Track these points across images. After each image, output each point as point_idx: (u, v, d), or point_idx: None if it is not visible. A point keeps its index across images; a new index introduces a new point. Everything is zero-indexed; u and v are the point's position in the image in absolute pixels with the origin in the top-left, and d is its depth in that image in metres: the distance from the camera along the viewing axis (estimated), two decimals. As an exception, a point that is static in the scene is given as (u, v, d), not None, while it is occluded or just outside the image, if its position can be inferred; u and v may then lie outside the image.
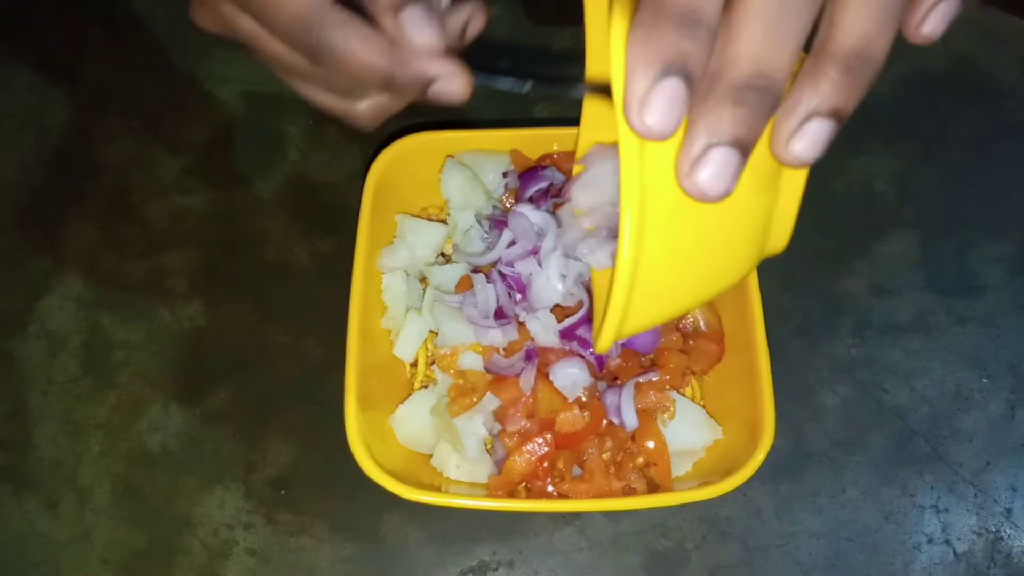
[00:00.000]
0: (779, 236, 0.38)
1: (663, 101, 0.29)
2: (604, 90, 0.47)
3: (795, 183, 0.36)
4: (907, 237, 0.71)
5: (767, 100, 0.30)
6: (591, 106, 0.56)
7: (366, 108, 0.43)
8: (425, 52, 0.38)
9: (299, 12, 0.37)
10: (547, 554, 0.62)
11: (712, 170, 0.30)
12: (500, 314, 0.59)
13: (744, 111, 0.30)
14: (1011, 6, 0.78)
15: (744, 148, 0.30)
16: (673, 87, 0.29)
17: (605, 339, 0.36)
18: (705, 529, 0.62)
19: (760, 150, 0.31)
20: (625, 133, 0.30)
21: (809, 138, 0.30)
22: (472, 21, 0.42)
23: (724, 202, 0.30)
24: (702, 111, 0.30)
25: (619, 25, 0.30)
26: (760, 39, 0.29)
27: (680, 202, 0.31)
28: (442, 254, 0.67)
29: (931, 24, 0.31)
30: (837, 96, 0.30)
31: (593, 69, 0.51)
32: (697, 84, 0.29)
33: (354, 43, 0.37)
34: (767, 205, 0.36)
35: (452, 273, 0.63)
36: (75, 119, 0.78)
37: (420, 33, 0.38)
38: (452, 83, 0.39)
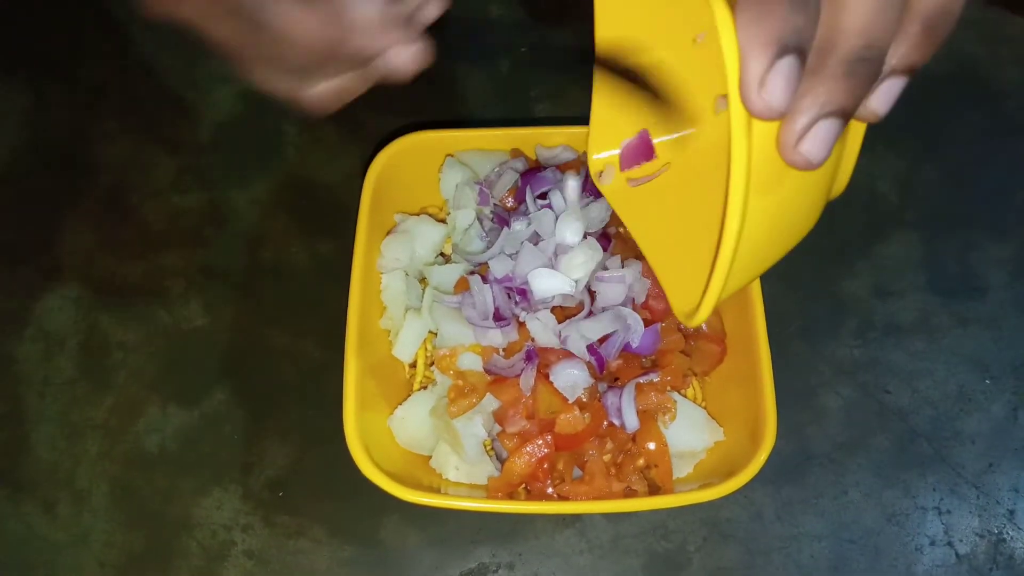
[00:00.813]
0: (841, 181, 0.41)
1: (781, 80, 0.29)
2: (612, 67, 0.45)
3: (859, 132, 0.38)
4: (909, 238, 0.71)
5: (873, 70, 0.31)
6: (603, 90, 0.53)
7: (320, 92, 0.42)
8: (370, 23, 0.37)
9: None
10: (547, 556, 0.61)
11: (819, 141, 0.31)
12: (499, 315, 0.58)
13: (853, 83, 0.30)
14: (1013, 6, 0.78)
15: (848, 118, 0.31)
16: (790, 65, 0.29)
17: (705, 311, 0.38)
18: (706, 531, 0.62)
19: None
20: (737, 111, 0.31)
21: (886, 94, 0.32)
22: (428, 4, 0.41)
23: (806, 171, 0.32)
24: (813, 84, 0.30)
25: (723, 5, 0.30)
26: (870, 10, 0.30)
27: (775, 170, 0.33)
28: (441, 254, 0.66)
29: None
30: (915, 55, 0.32)
31: (603, 41, 0.50)
32: (807, 57, 0.30)
33: (294, 13, 0.36)
34: (835, 163, 0.38)
35: (451, 273, 0.62)
36: (72, 119, 0.78)
37: (366, 4, 0.37)
38: (400, 54, 0.38)
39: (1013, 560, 0.61)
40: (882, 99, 0.33)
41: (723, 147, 0.38)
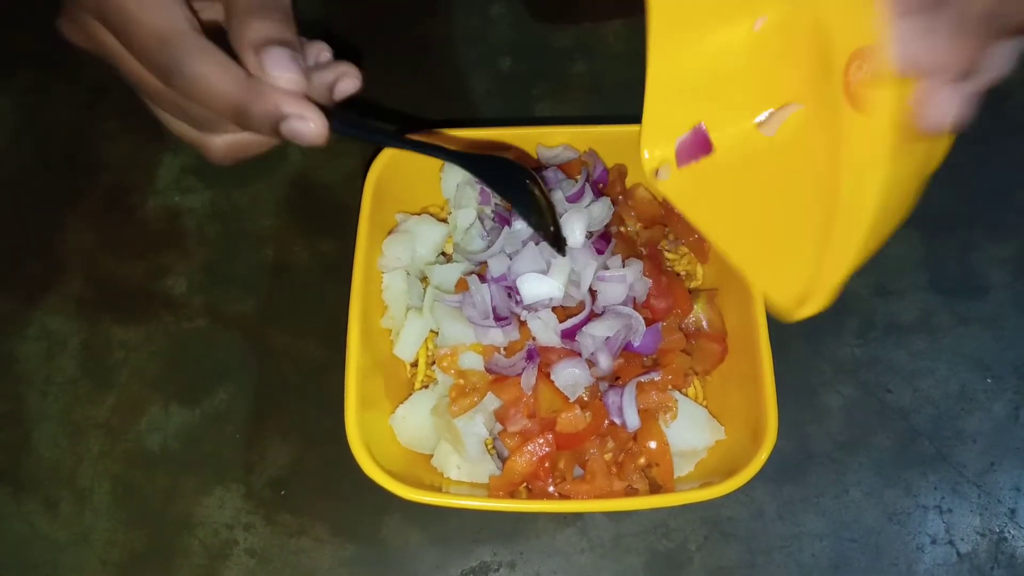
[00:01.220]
0: (940, 156, 0.41)
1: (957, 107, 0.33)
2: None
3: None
4: (910, 237, 0.71)
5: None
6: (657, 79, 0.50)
7: (222, 144, 0.43)
8: (282, 91, 0.38)
9: (156, 32, 0.37)
10: (548, 555, 0.61)
11: (958, 104, 0.33)
12: (498, 314, 0.58)
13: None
14: (1014, 5, 0.78)
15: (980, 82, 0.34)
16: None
17: (828, 294, 0.38)
18: (707, 530, 0.62)
19: None
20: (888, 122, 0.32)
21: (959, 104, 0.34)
22: (343, 79, 0.42)
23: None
24: (974, 48, 0.33)
25: None
26: None
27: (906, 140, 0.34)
28: (443, 253, 0.66)
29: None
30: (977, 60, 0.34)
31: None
32: None
33: (208, 69, 0.37)
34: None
35: (452, 272, 0.62)
36: (74, 119, 0.78)
37: (280, 72, 0.38)
38: (305, 124, 0.39)
39: (1014, 559, 0.61)
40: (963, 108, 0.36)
41: (826, 124, 0.39)
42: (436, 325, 0.61)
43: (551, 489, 0.57)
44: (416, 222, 0.65)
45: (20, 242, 0.73)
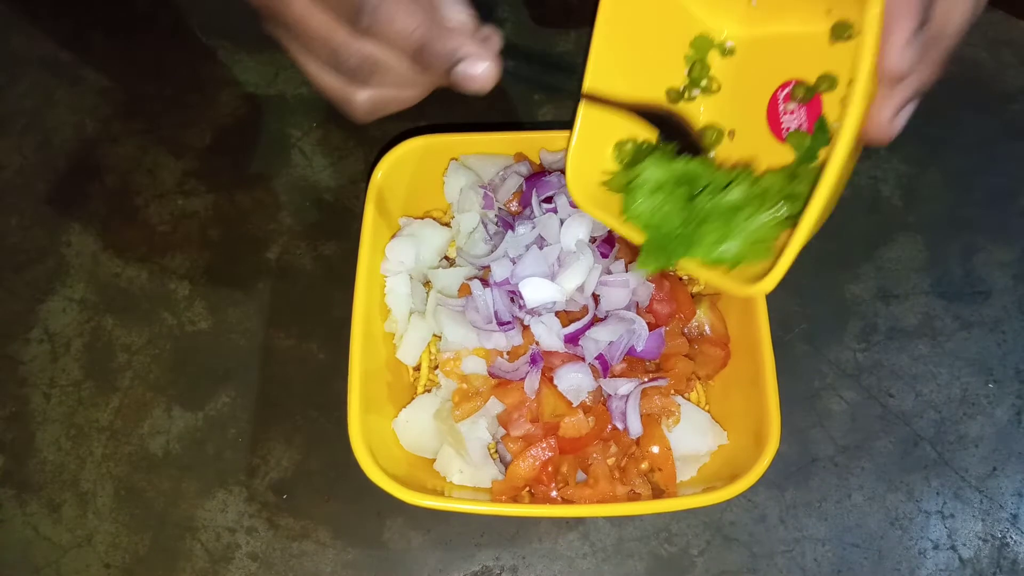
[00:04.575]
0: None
1: (906, 117, 0.37)
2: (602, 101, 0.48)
3: None
4: (913, 241, 0.71)
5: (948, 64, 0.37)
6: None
7: (366, 99, 0.43)
8: (459, 30, 0.39)
9: None
10: (551, 559, 0.61)
11: (906, 117, 0.37)
12: (501, 319, 0.58)
13: (941, 72, 0.37)
14: (1017, 10, 0.78)
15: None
16: (921, 38, 0.35)
17: (783, 270, 0.42)
18: (710, 535, 0.62)
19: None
20: (850, 126, 0.37)
21: (906, 115, 0.38)
22: (496, 36, 0.43)
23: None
24: (919, 70, 0.36)
25: None
26: (968, 13, 0.36)
27: (853, 150, 0.40)
28: (446, 257, 0.66)
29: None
30: (933, 80, 0.38)
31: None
32: None
33: (393, 6, 0.38)
34: None
35: (455, 277, 0.62)
36: (77, 121, 0.78)
37: (458, 11, 0.39)
38: (479, 66, 0.39)
39: (1016, 564, 0.61)
40: (904, 119, 0.41)
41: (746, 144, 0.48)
42: (439, 329, 0.61)
43: (554, 493, 0.57)
44: (419, 226, 0.65)
45: (24, 244, 0.73)
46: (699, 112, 0.55)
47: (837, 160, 0.38)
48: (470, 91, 0.40)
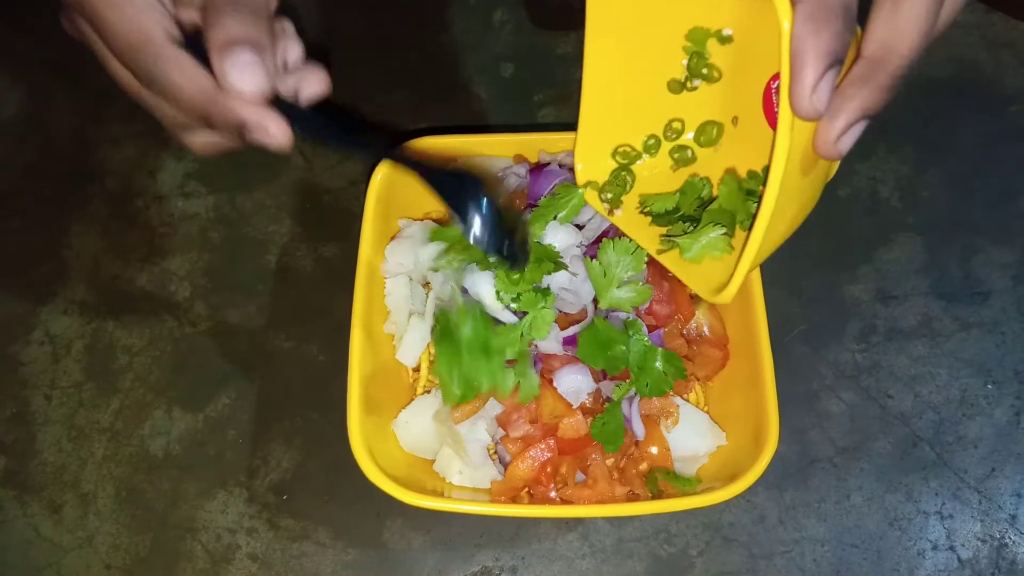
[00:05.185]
0: (834, 170, 0.47)
1: (829, 87, 0.35)
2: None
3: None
4: (912, 243, 0.71)
5: (901, 86, 0.37)
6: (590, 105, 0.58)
7: (198, 142, 0.44)
8: (242, 97, 0.38)
9: (130, 39, 0.38)
10: (550, 560, 0.62)
11: (853, 138, 0.38)
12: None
13: (889, 95, 0.36)
14: (1016, 11, 0.78)
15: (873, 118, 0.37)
16: (836, 74, 0.35)
17: (739, 281, 0.45)
18: (709, 535, 0.62)
19: None
20: (784, 114, 0.37)
21: (853, 136, 0.38)
22: (308, 83, 0.43)
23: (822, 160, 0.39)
24: (860, 91, 0.36)
25: (785, 10, 0.35)
26: (919, 37, 0.36)
27: (802, 162, 0.40)
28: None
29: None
30: (881, 105, 0.37)
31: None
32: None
33: (177, 78, 0.38)
34: None
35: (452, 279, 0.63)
36: (78, 124, 0.78)
37: (240, 77, 0.38)
38: (266, 133, 0.39)
39: (1015, 565, 0.61)
40: (850, 139, 0.39)
41: (739, 152, 0.50)
42: (438, 331, 0.61)
43: (553, 494, 0.57)
44: (419, 228, 0.65)
45: (25, 247, 0.74)
46: (702, 102, 0.56)
47: (773, 183, 0.39)
48: (268, 149, 0.40)
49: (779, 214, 0.41)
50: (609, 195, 0.58)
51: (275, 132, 0.39)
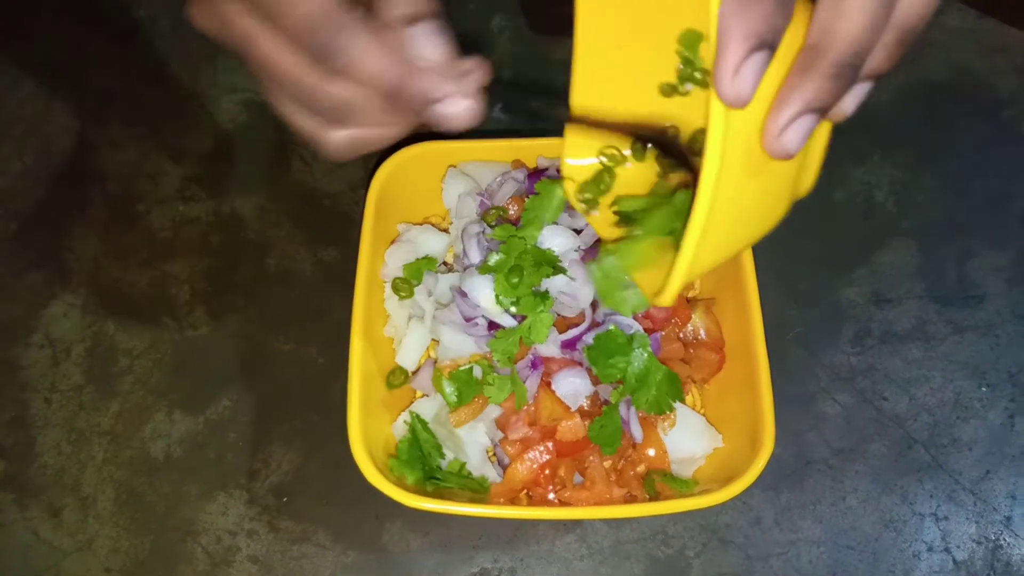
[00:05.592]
0: (806, 183, 0.42)
1: (753, 71, 0.32)
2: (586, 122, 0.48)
3: (824, 132, 0.40)
4: (907, 246, 0.71)
5: (854, 75, 0.34)
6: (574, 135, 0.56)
7: (341, 139, 0.42)
8: (432, 69, 0.37)
9: (312, 10, 0.36)
10: (548, 562, 0.62)
11: (799, 132, 0.34)
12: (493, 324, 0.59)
13: (838, 85, 0.33)
14: (1009, 16, 0.79)
15: (824, 115, 0.34)
16: (763, 58, 0.32)
17: (672, 290, 0.40)
18: (706, 537, 0.62)
19: None
20: (715, 101, 0.33)
21: (855, 97, 0.35)
22: (480, 70, 0.41)
23: (777, 160, 0.35)
24: (801, 82, 0.33)
25: None
26: (864, 22, 0.33)
27: (745, 161, 0.35)
28: (444, 263, 0.67)
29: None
30: (885, 63, 0.34)
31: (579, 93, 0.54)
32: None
33: (364, 47, 0.36)
34: (802, 159, 0.40)
35: (452, 283, 0.63)
36: (78, 127, 0.79)
37: (431, 48, 0.37)
38: (457, 105, 0.38)
39: (1010, 566, 0.61)
40: (852, 101, 0.35)
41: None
42: (437, 335, 0.62)
43: (551, 496, 0.57)
44: (418, 232, 0.66)
45: (25, 249, 0.74)
46: (696, 108, 0.54)
47: (707, 180, 0.35)
48: (449, 130, 0.39)
49: (719, 218, 0.37)
50: (587, 195, 0.58)
51: (466, 102, 0.38)
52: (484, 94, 0.39)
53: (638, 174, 0.56)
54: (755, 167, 0.36)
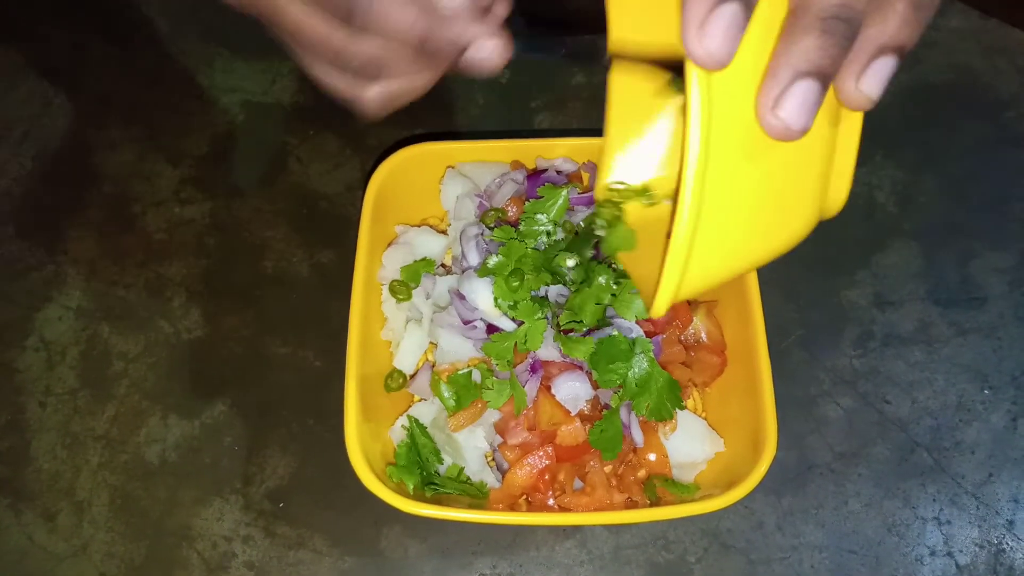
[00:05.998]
0: (837, 195, 0.37)
1: (722, 24, 0.28)
2: (632, 59, 0.45)
3: (850, 138, 0.35)
4: (908, 248, 0.71)
5: (850, 31, 0.30)
6: (619, 81, 0.49)
7: (376, 94, 0.42)
8: (460, 14, 0.37)
9: None
10: (548, 568, 0.61)
11: (796, 102, 0.29)
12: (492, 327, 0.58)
13: (830, 42, 0.30)
14: (1011, 18, 0.79)
15: (825, 81, 0.30)
16: (733, 11, 0.28)
17: (661, 300, 0.35)
18: (707, 542, 0.62)
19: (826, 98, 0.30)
20: (690, 68, 0.29)
21: (878, 75, 0.31)
22: (494, 7, 0.40)
23: (788, 149, 0.30)
24: (787, 45, 0.30)
25: None
26: None
27: (746, 147, 0.31)
28: (442, 265, 0.66)
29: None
30: (903, 33, 0.31)
31: (618, 34, 0.48)
32: (752, 11, 0.28)
33: (389, 2, 0.36)
34: (826, 157, 0.35)
35: (450, 285, 0.62)
36: (76, 128, 0.78)
37: None
38: (487, 49, 0.38)
39: (1013, 571, 0.61)
40: (874, 79, 0.31)
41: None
42: (435, 338, 0.61)
43: (551, 501, 0.57)
44: (416, 234, 0.65)
45: (20, 252, 0.73)
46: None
47: (689, 162, 0.30)
48: (480, 74, 0.38)
49: (718, 218, 0.32)
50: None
51: (494, 41, 0.38)
52: (509, 34, 0.38)
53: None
54: (754, 149, 0.31)
